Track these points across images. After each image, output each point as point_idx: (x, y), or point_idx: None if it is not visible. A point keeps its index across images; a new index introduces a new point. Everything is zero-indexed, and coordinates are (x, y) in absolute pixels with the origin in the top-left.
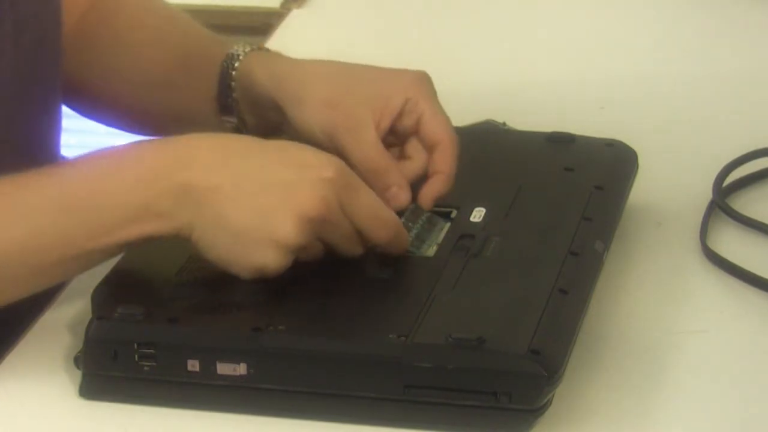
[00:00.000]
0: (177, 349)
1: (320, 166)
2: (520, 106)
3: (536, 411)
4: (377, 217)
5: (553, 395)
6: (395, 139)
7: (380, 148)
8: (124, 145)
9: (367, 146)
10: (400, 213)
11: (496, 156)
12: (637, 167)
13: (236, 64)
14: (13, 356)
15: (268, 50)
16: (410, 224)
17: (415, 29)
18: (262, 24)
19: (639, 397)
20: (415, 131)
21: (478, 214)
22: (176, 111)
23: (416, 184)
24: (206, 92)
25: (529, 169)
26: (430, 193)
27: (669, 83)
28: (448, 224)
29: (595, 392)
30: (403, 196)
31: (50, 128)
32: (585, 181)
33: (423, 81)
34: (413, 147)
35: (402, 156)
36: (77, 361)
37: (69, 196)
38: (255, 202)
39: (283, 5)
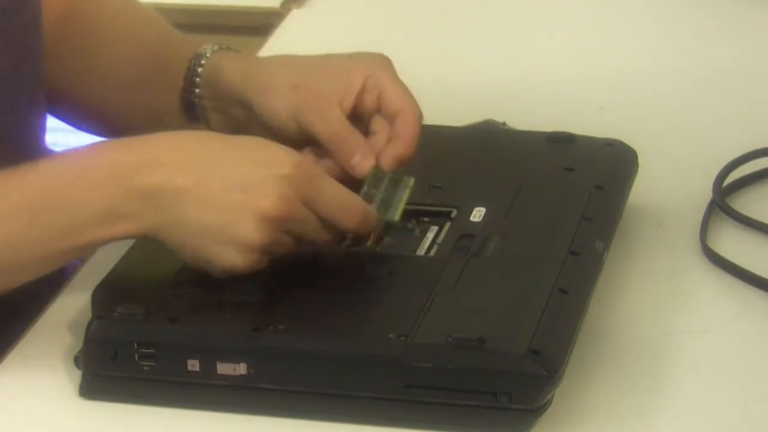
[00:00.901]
0: (177, 349)
1: (279, 163)
2: (520, 106)
3: (536, 411)
4: (342, 206)
5: (553, 395)
6: (361, 124)
7: (344, 121)
8: (88, 147)
9: (332, 119)
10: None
11: (496, 156)
12: (637, 167)
13: (203, 62)
14: (14, 356)
15: (237, 50)
16: (373, 191)
17: (415, 29)
18: (262, 24)
19: (639, 396)
20: (378, 108)
21: (478, 214)
22: (148, 111)
23: None
24: (174, 91)
25: (529, 169)
26: (390, 154)
27: (669, 83)
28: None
29: (595, 392)
30: (367, 164)
31: (36, 122)
32: (585, 181)
33: (382, 60)
34: (377, 123)
35: (367, 134)
36: (77, 360)
37: (34, 201)
38: (216, 205)
39: (283, 5)
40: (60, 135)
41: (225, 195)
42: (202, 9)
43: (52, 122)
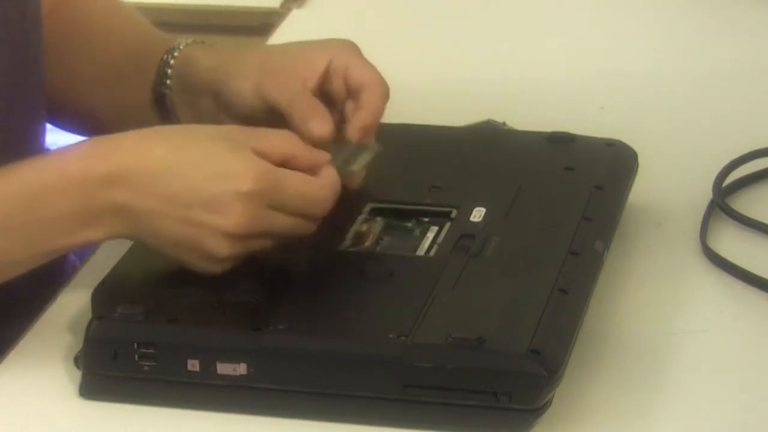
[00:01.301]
0: (177, 349)
1: (239, 176)
2: (520, 106)
3: (536, 411)
4: (311, 198)
5: (553, 395)
6: (336, 112)
7: (304, 91)
8: (56, 155)
9: (292, 90)
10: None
11: (496, 156)
12: (637, 167)
13: (176, 54)
14: (13, 356)
15: (212, 44)
16: (335, 153)
17: (415, 29)
18: (262, 24)
19: (639, 396)
20: (348, 91)
21: (478, 214)
22: (124, 107)
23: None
24: (147, 85)
25: (529, 169)
26: (354, 124)
27: (669, 83)
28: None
29: (595, 392)
30: (324, 127)
31: (36, 126)
32: (585, 181)
33: (348, 44)
34: (350, 108)
35: (342, 120)
36: (77, 361)
37: (6, 214)
38: (182, 222)
39: (283, 5)
40: (59, 135)
41: (190, 212)
42: (202, 9)
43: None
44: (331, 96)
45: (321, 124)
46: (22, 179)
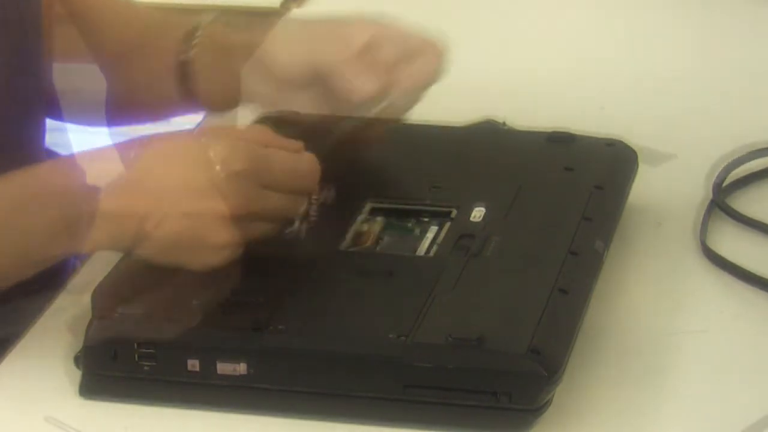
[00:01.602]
0: (177, 348)
1: (228, 159)
2: (520, 105)
3: (536, 410)
4: (298, 173)
5: (553, 395)
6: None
7: (351, 51)
8: (40, 167)
9: (340, 53)
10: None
11: (496, 156)
12: (637, 167)
13: (203, 24)
14: (13, 356)
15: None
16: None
17: (415, 29)
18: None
19: (639, 396)
20: (396, 60)
21: (478, 214)
22: (137, 84)
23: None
24: (167, 53)
25: (529, 169)
26: (402, 76)
27: (669, 83)
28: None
29: (595, 392)
30: (370, 86)
31: (34, 126)
32: (585, 181)
33: (387, 20)
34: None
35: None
36: (77, 360)
37: None
38: (179, 215)
39: (283, 5)
40: (59, 135)
41: (184, 205)
42: (202, 9)
43: (52, 122)
44: (377, 64)
45: (369, 82)
46: (5, 190)
